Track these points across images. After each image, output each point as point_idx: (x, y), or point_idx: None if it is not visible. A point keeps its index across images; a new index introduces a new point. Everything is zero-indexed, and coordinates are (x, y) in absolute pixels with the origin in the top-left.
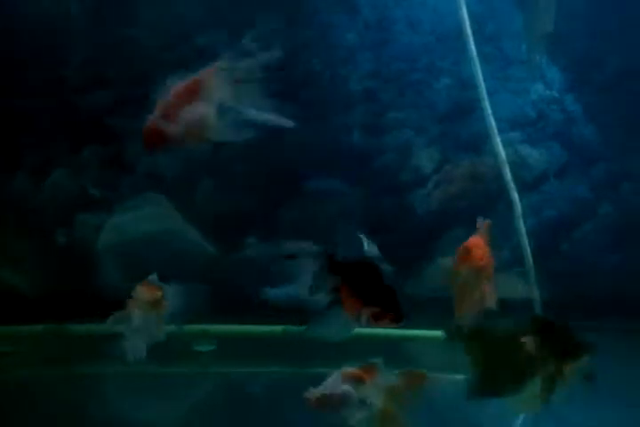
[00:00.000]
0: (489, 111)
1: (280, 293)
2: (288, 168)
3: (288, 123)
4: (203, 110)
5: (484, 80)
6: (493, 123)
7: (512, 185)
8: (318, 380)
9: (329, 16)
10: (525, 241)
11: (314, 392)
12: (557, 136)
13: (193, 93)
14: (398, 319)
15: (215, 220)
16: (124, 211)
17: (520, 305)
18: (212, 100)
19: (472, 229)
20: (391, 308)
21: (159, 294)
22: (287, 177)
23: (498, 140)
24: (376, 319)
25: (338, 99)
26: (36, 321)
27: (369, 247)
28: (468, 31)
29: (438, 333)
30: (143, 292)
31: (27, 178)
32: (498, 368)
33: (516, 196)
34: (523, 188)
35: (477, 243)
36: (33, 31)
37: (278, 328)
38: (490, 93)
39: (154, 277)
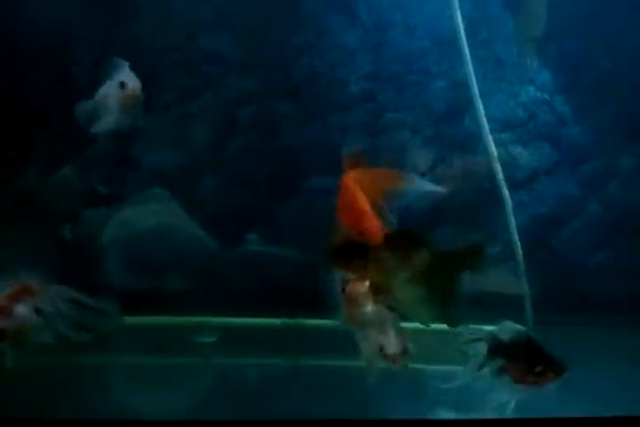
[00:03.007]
0: (482, 112)
1: None
2: (289, 166)
3: None
4: (24, 312)
5: (478, 82)
6: (486, 123)
7: (503, 183)
8: (314, 372)
9: (330, 20)
10: (516, 237)
11: (394, 349)
12: (547, 136)
13: (20, 296)
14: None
15: (217, 216)
16: (129, 206)
17: (510, 299)
18: (32, 305)
19: (465, 226)
20: (550, 364)
21: None
22: (288, 175)
23: (490, 140)
24: (540, 376)
25: (337, 99)
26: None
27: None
28: (463, 35)
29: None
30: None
31: (36, 174)
32: None
33: (507, 193)
34: (514, 186)
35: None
36: (44, 31)
37: (277, 321)
38: (483, 95)
39: None
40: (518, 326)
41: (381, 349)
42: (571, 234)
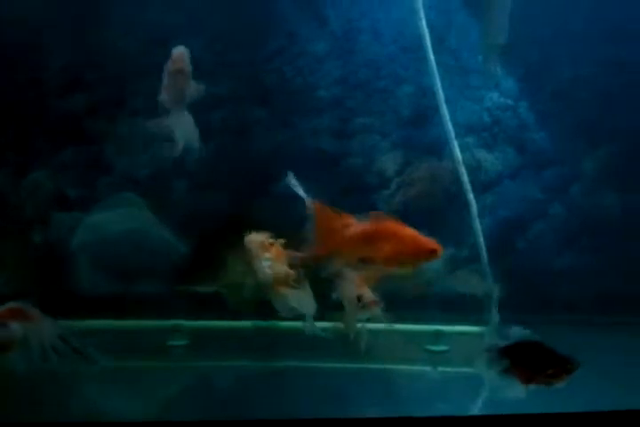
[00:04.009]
0: (447, 117)
1: None
2: (259, 170)
3: None
4: (17, 329)
5: (443, 88)
6: (452, 128)
7: (469, 187)
8: (285, 373)
9: (300, 27)
10: (481, 240)
11: (371, 296)
12: (511, 141)
13: (17, 315)
14: (571, 370)
15: (187, 220)
16: (100, 210)
17: (477, 301)
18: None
19: (432, 228)
20: (561, 365)
21: None
22: (258, 179)
23: (456, 145)
24: (553, 378)
25: (307, 104)
26: None
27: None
28: (428, 42)
29: (399, 327)
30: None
31: (6, 177)
32: None
33: (472, 197)
34: (479, 189)
35: None
36: (16, 35)
37: (248, 323)
38: (448, 101)
39: None
40: (525, 331)
41: (359, 298)
42: (535, 236)
